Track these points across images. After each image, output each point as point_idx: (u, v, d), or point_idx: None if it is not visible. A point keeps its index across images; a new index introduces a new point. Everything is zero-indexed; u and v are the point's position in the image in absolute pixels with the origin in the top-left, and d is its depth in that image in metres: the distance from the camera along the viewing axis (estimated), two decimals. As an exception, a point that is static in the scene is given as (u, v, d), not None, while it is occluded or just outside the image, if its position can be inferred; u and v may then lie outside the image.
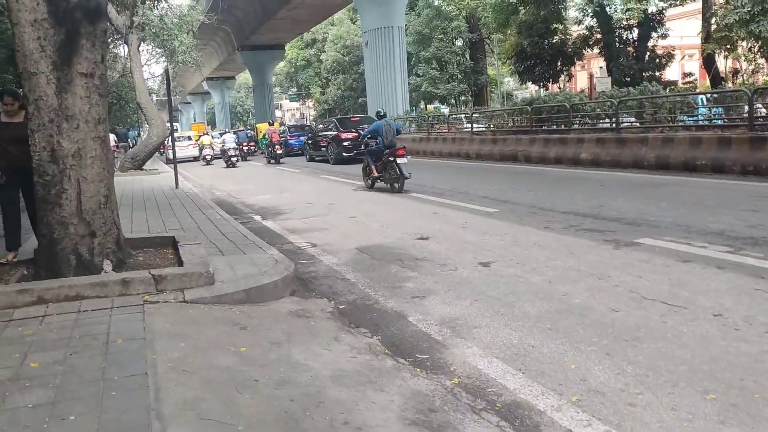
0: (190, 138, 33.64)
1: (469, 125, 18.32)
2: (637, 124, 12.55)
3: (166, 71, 13.15)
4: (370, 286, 5.24)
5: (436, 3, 43.38)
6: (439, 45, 42.64)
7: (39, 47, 4.23)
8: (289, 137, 28.60)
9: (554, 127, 14.30)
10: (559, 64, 33.09)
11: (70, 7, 4.25)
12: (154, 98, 70.22)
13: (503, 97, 50.63)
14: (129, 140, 30.79)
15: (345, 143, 19.96)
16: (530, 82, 38.55)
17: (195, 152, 31.29)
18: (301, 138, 25.32)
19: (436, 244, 6.66)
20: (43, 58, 4.26)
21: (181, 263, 4.94)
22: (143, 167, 19.58)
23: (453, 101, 47.62)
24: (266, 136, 26.28)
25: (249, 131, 36.03)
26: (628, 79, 29.81)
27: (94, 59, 4.44)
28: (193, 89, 79.69)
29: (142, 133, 41.72)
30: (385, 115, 12.49)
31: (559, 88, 38.68)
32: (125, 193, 12.79)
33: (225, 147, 24.14)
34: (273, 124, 29.31)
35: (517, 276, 5.21)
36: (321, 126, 24.40)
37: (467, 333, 3.99)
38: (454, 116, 24.22)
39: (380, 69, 24.69)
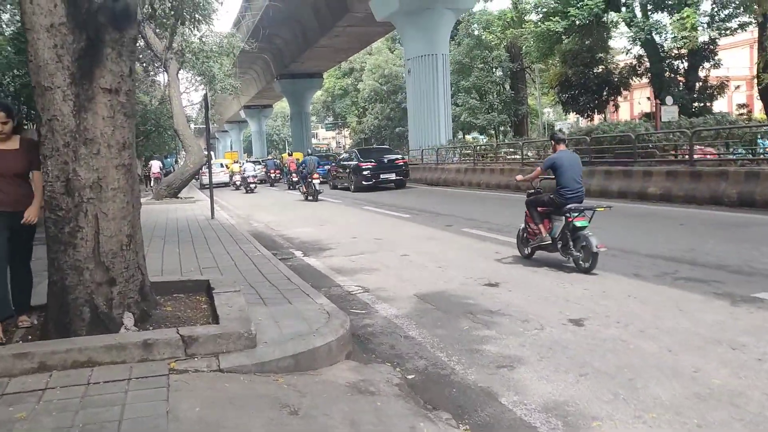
0: (222, 165, 36.00)
1: (519, 155, 17.34)
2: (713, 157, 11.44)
3: (205, 97, 12.65)
4: (441, 348, 4.31)
5: (476, 32, 42.90)
6: (479, 74, 42.05)
7: (55, 56, 3.51)
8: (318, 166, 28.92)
9: (616, 158, 13.23)
10: (604, 94, 32.11)
11: (93, 9, 3.53)
12: (192, 126, 71.19)
13: (544, 128, 49.52)
14: (165, 168, 30.64)
15: (365, 172, 20.87)
16: (573, 112, 37.57)
17: (225, 178, 33.42)
18: (324, 167, 26.23)
19: (509, 293, 5.71)
20: (59, 70, 3.53)
21: (216, 318, 4.09)
22: (179, 195, 19.13)
23: (493, 131, 46.82)
24: (286, 165, 27.91)
25: (276, 160, 37.83)
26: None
27: (120, 72, 3.70)
28: (231, 117, 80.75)
29: (179, 160, 41.86)
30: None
31: (604, 118, 37.58)
32: (159, 223, 12.16)
33: (245, 175, 26.14)
34: (291, 155, 31.23)
35: (623, 341, 4.21)
36: (344, 155, 25.27)
37: (586, 428, 3.02)
38: (502, 146, 23.28)
39: (423, 97, 24.01)
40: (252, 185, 25.44)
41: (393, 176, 20.93)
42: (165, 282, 5.06)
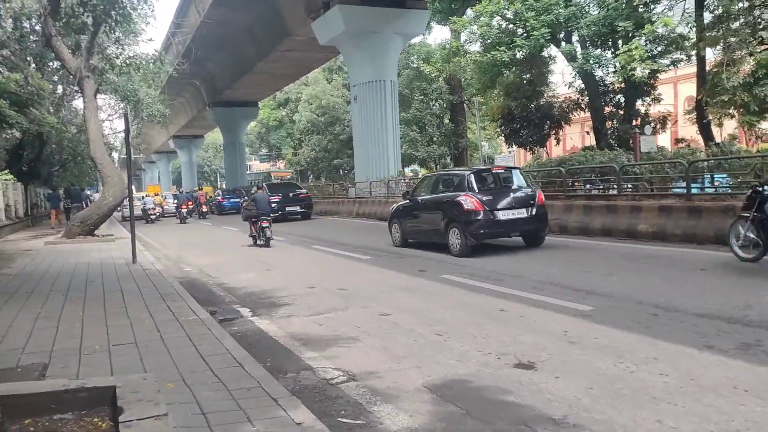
0: (142, 198, 36.11)
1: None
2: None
3: (125, 116, 10.59)
4: None
5: (415, 64, 42.36)
6: (419, 106, 41.45)
7: None
8: (221, 199, 33.37)
9: (596, 191, 12.06)
10: (546, 127, 31.87)
11: None
12: (116, 156, 66.94)
13: (483, 161, 49.30)
14: (83, 201, 27.55)
15: (272, 205, 21.84)
16: (515, 145, 37.26)
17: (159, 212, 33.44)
18: (232, 200, 30.17)
19: (556, 380, 4.05)
20: None
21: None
22: (95, 233, 16.59)
23: (433, 164, 46.14)
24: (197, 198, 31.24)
25: (193, 192, 38.49)
26: (614, 143, 28.59)
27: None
28: (159, 147, 76.82)
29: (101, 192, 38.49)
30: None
31: (546, 152, 37.48)
32: (64, 271, 9.86)
33: (146, 207, 28.95)
34: (201, 189, 34.76)
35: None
36: (253, 190, 26.41)
37: None
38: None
39: (370, 125, 22.55)
40: (152, 216, 28.77)
41: (298, 209, 23.16)
42: (39, 394, 3.07)
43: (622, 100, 30.66)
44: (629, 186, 11.44)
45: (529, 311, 6.02)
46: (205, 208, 30.01)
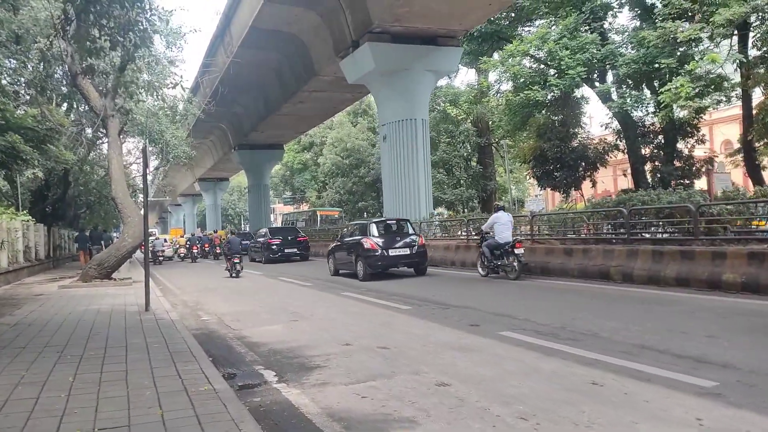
0: (165, 240, 38.46)
1: (529, 230, 14.72)
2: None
3: (144, 149, 9.69)
4: None
5: (441, 107, 41.79)
6: (446, 149, 40.72)
7: None
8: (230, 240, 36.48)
9: (665, 235, 10.73)
10: (581, 169, 30.67)
11: None
12: (140, 198, 67.00)
13: (513, 204, 47.99)
14: (103, 242, 26.82)
15: (273, 247, 26.21)
16: (549, 188, 36.02)
17: (170, 253, 35.66)
18: (244, 242, 30.82)
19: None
20: None
21: None
22: (112, 276, 15.64)
23: (461, 207, 45.06)
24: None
25: (206, 236, 41.25)
26: (656, 184, 27.21)
27: None
28: (185, 190, 77.14)
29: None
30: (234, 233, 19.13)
31: (581, 194, 36.12)
32: (68, 320, 8.78)
33: (155, 249, 30.20)
34: (217, 232, 38.98)
35: None
36: (260, 233, 30.14)
37: None
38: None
39: (400, 165, 21.54)
40: (160, 258, 30.73)
41: (296, 250, 26.37)
42: None
43: (662, 141, 29.41)
44: (704, 229, 10.07)
45: (636, 387, 4.71)
46: (218, 250, 32.92)
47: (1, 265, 16.01)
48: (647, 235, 11.30)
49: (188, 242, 35.10)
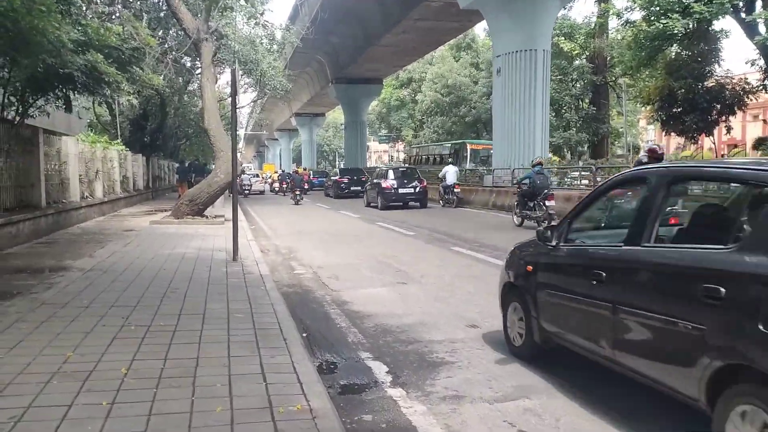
0: (257, 176, 42.66)
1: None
2: None
3: (233, 72, 8.27)
4: None
5: (554, 40, 37.86)
6: (557, 87, 37.05)
7: None
8: (314, 178, 38.89)
9: None
10: (714, 113, 26.71)
11: None
12: (241, 134, 67.59)
13: (628, 150, 43.85)
14: (205, 175, 26.52)
15: (341, 184, 30.04)
16: (675, 133, 32.07)
17: (261, 187, 39.10)
18: (321, 179, 38.73)
19: None
20: None
21: None
22: (204, 213, 14.84)
23: (567, 152, 41.61)
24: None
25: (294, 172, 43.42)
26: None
27: None
28: (281, 125, 77.51)
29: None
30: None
31: (713, 142, 31.98)
32: (147, 269, 7.68)
33: (242, 183, 32.52)
34: (306, 169, 41.09)
35: None
36: (379, 172, 30.25)
37: None
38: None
39: (515, 102, 19.18)
40: (246, 192, 33.58)
41: (359, 188, 27.87)
42: None
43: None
44: None
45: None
46: (306, 186, 33.57)
47: (96, 196, 15.63)
48: None
49: (279, 178, 39.35)
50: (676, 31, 23.62)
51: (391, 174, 22.18)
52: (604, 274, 3.50)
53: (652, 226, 3.31)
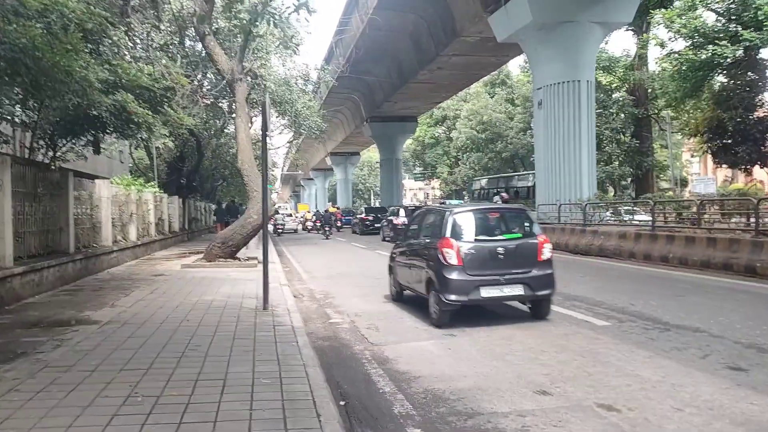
0: (290, 215, 43.94)
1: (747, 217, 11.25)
2: None
3: (264, 105, 7.70)
4: None
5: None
6: (597, 120, 35.94)
7: None
8: (342, 216, 39.64)
9: None
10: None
11: None
12: (277, 174, 67.97)
13: (675, 183, 42.18)
14: (238, 216, 26.28)
15: (366, 222, 32.91)
16: (726, 165, 30.56)
17: (294, 225, 41.47)
18: (348, 217, 40.69)
19: None
20: None
21: None
22: (237, 255, 14.29)
23: (611, 186, 40.27)
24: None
25: (327, 211, 44.90)
26: None
27: None
28: (317, 165, 77.94)
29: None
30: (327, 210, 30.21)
31: (768, 173, 30.34)
32: (169, 320, 7.00)
33: (276, 223, 34.24)
34: (338, 209, 42.85)
35: None
36: (360, 210, 36.89)
37: None
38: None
39: (559, 135, 18.33)
40: (279, 230, 35.07)
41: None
42: None
43: None
44: None
45: None
46: (339, 224, 36.78)
47: (129, 239, 15.27)
48: None
49: (314, 216, 41.78)
50: (725, 59, 22.66)
51: (402, 212, 24.91)
52: (409, 252, 8.56)
53: (423, 232, 8.40)
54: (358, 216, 37.56)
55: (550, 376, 5.12)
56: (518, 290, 7.17)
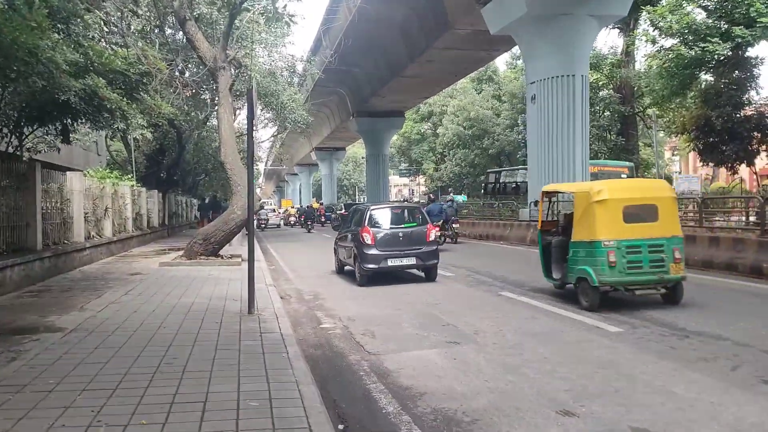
0: (274, 210, 45.60)
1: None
2: None
3: (249, 91, 7.05)
4: None
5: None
6: (583, 117, 35.68)
7: None
8: (324, 212, 41.18)
9: None
10: (755, 141, 25.11)
11: None
12: (261, 168, 66.76)
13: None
14: (220, 212, 25.49)
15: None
16: (713, 163, 30.38)
17: (278, 221, 42.14)
18: (328, 213, 40.53)
19: None
20: None
21: None
22: (219, 253, 13.57)
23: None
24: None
25: (309, 207, 45.05)
26: None
27: None
28: (301, 159, 76.97)
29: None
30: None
31: (754, 172, 30.22)
32: (144, 327, 6.33)
33: (259, 218, 33.73)
34: (321, 204, 45.07)
35: None
36: (339, 207, 38.23)
37: None
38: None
39: (552, 131, 17.84)
40: (262, 225, 35.17)
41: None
42: None
43: None
44: None
45: None
46: (323, 219, 39.13)
47: (104, 235, 14.47)
48: None
49: (297, 212, 43.04)
50: (715, 57, 22.38)
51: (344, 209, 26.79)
52: (349, 236, 11.39)
53: (354, 223, 11.53)
54: (337, 212, 39.01)
55: (573, 393, 4.56)
56: (413, 261, 10.63)
